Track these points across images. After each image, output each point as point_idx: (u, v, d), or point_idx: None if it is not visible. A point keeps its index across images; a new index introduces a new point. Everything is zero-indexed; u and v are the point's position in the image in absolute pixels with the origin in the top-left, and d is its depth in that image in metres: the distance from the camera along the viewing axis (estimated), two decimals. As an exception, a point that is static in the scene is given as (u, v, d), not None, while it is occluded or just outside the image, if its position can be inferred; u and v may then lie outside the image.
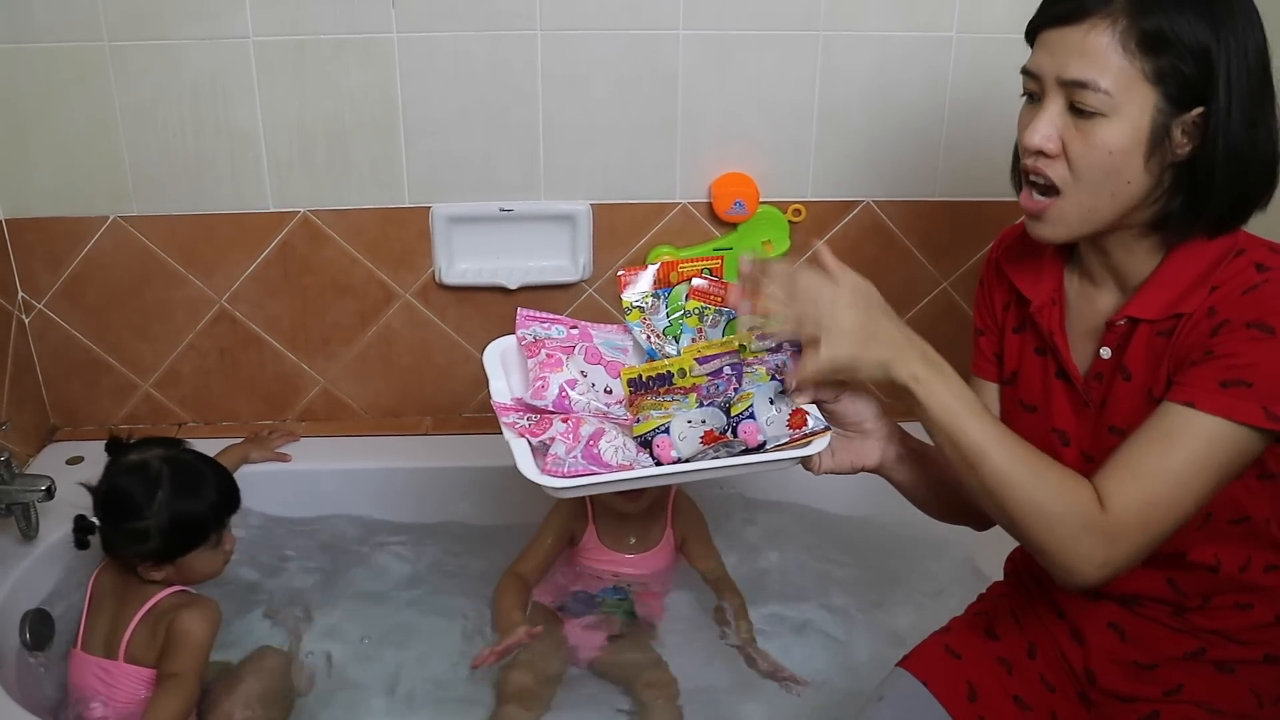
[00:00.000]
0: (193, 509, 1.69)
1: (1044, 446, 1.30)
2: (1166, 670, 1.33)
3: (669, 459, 1.26)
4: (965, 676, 1.41)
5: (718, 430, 1.27)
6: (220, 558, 1.75)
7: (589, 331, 1.44)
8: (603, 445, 1.26)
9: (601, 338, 1.43)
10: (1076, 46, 1.14)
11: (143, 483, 1.68)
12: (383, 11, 2.01)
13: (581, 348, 1.41)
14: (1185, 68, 1.12)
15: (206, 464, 1.77)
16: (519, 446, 1.28)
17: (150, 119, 2.04)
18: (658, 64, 2.08)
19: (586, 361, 1.40)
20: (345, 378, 2.30)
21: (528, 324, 1.43)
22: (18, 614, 1.80)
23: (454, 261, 2.19)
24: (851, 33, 2.08)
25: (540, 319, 1.44)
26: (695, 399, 1.30)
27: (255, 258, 2.17)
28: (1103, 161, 1.16)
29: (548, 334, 1.42)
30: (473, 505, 2.18)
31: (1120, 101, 1.13)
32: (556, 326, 1.43)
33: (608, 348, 1.42)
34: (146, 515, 1.66)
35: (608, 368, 1.39)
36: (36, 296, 2.16)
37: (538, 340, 1.41)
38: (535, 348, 1.40)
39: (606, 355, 1.41)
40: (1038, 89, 1.20)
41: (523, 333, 1.43)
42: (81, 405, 2.27)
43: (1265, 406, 1.12)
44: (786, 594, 2.03)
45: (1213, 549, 1.26)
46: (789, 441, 1.26)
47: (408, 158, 2.12)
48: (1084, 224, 1.21)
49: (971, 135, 2.15)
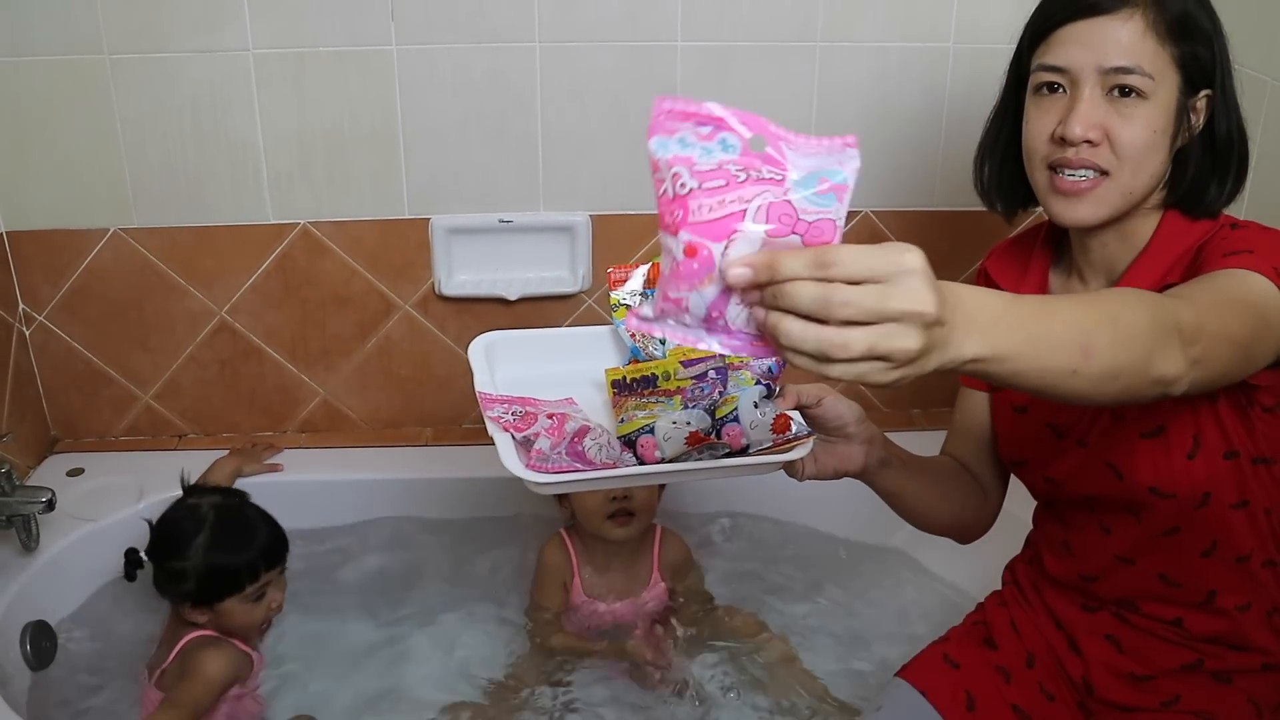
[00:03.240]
0: (229, 559, 1.71)
1: (1038, 442, 1.33)
2: (1164, 681, 1.33)
3: (653, 459, 1.25)
4: (964, 686, 1.42)
5: (703, 432, 1.26)
6: (260, 611, 1.76)
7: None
8: (587, 443, 1.24)
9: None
10: (1115, 36, 1.19)
11: (188, 524, 1.73)
12: (382, 24, 2.01)
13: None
14: (1201, 52, 1.20)
15: (259, 518, 1.79)
16: (503, 441, 1.24)
17: (150, 131, 2.05)
18: (656, 75, 2.08)
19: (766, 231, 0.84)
20: (345, 389, 2.30)
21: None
22: (18, 626, 1.81)
23: (453, 272, 2.20)
24: (849, 44, 2.09)
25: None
26: (680, 401, 1.29)
27: (255, 269, 2.17)
28: (1149, 141, 1.20)
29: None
30: (473, 515, 2.18)
31: (1158, 85, 1.19)
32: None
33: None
34: (185, 557, 1.70)
35: (807, 234, 0.81)
36: (37, 309, 2.17)
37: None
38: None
39: (807, 215, 0.81)
40: (1065, 82, 1.22)
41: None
42: (82, 417, 2.28)
43: (1274, 266, 1.11)
44: (778, 604, 2.02)
45: (1210, 534, 1.26)
46: (772, 446, 1.26)
47: (407, 169, 2.12)
48: (1123, 204, 1.24)
49: (969, 145, 2.11)
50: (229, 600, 1.72)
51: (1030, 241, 1.41)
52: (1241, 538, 1.26)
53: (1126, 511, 1.29)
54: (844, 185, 0.78)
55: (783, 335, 0.76)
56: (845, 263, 0.75)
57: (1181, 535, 1.27)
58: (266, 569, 1.74)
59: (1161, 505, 1.25)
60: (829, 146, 0.79)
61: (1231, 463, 1.23)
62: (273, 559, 1.76)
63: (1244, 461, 1.23)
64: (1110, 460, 1.27)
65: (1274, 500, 1.26)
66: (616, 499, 1.80)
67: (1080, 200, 1.23)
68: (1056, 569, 1.41)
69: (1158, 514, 1.26)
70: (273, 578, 1.76)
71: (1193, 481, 1.23)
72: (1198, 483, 1.23)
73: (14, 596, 1.85)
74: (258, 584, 1.73)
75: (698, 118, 0.79)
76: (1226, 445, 1.22)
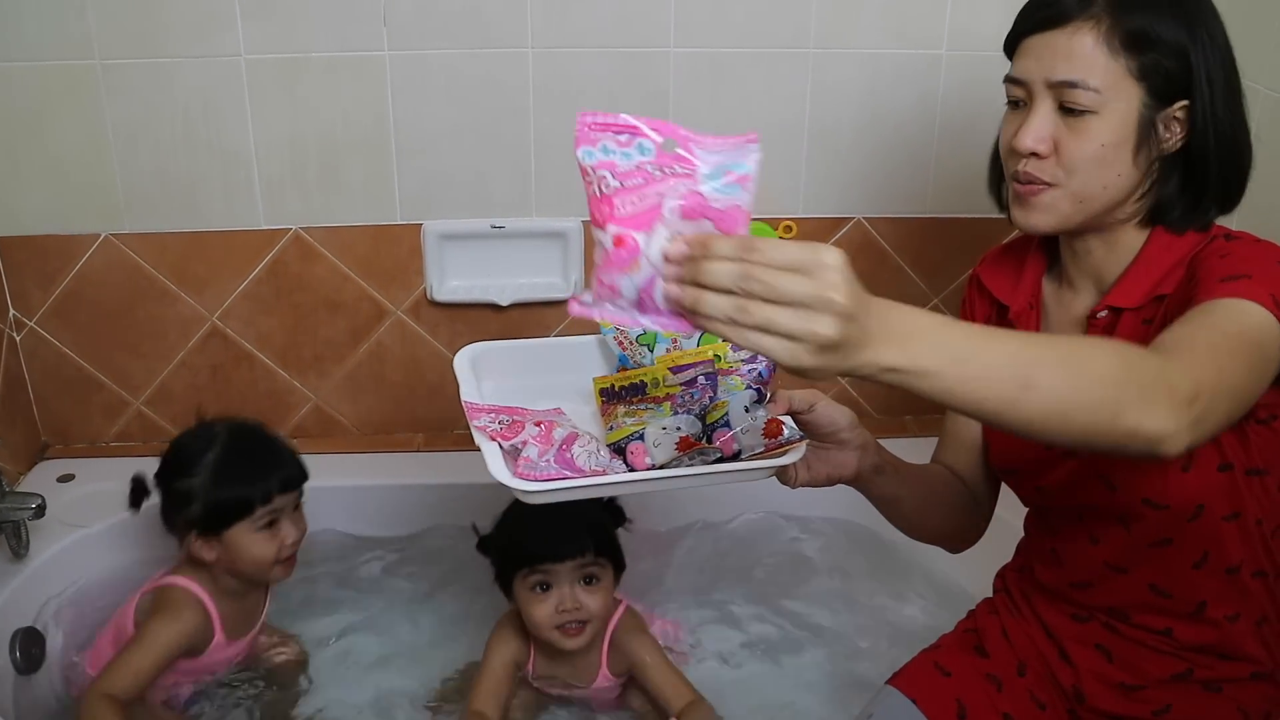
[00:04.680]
0: (239, 475, 1.64)
1: (1028, 452, 1.33)
2: (1154, 691, 1.33)
3: (643, 465, 1.24)
4: (954, 694, 1.41)
5: (694, 437, 1.25)
6: (272, 545, 1.67)
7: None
8: (576, 450, 1.23)
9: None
10: (1064, 49, 1.18)
11: (199, 441, 1.68)
12: (374, 30, 2.01)
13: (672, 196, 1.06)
14: (1167, 63, 1.18)
15: (276, 441, 1.72)
16: (490, 450, 1.23)
17: (142, 137, 2.05)
18: (649, 82, 2.08)
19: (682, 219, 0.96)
20: (337, 395, 2.30)
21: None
22: (8, 632, 1.80)
23: (445, 278, 2.20)
24: (842, 50, 2.09)
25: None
26: (670, 408, 1.29)
27: (247, 275, 2.17)
28: (1095, 154, 1.19)
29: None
30: (464, 522, 2.17)
31: (1109, 98, 1.17)
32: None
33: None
34: (193, 473, 1.65)
35: (719, 220, 0.90)
36: (28, 314, 2.16)
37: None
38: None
39: (717, 203, 0.90)
40: (1024, 95, 1.23)
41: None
42: (73, 423, 2.27)
43: (1272, 294, 1.09)
44: (768, 612, 2.02)
45: (1202, 546, 1.26)
46: (764, 451, 1.24)
47: (399, 175, 2.12)
48: (1075, 213, 1.23)
49: (962, 152, 2.16)
50: (237, 526, 1.64)
51: (1023, 249, 1.41)
52: (1232, 549, 1.26)
53: (1116, 522, 1.29)
54: (748, 175, 0.87)
55: (703, 305, 0.84)
56: (769, 251, 0.82)
57: (1173, 547, 1.26)
58: (280, 491, 1.66)
59: (1153, 516, 1.25)
60: (734, 144, 0.89)
61: (1225, 475, 1.22)
62: (288, 482, 1.68)
63: (1238, 473, 1.23)
64: (1102, 472, 1.27)
65: (1265, 511, 1.25)
66: (567, 610, 1.64)
67: (1030, 206, 1.24)
68: (1046, 577, 1.41)
69: (1148, 525, 1.26)
70: (286, 505, 1.68)
71: (1187, 494, 1.22)
72: (1192, 495, 1.22)
73: (4, 603, 1.83)
74: (268, 507, 1.65)
75: (615, 127, 0.89)
76: (1221, 458, 1.22)
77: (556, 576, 1.64)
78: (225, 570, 1.71)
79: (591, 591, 1.66)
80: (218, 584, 1.73)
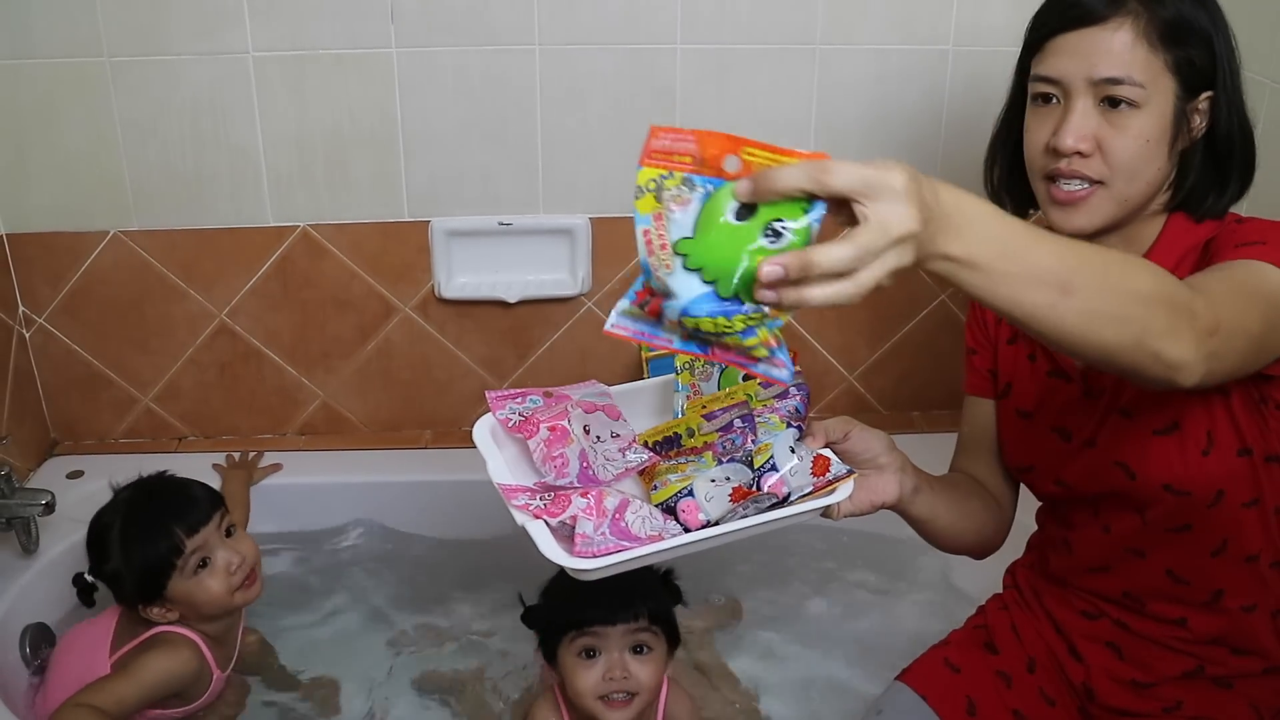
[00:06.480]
0: (143, 536, 1.62)
1: (1044, 447, 1.33)
2: (1165, 688, 1.33)
3: (697, 523, 1.15)
4: (964, 690, 1.41)
5: (745, 485, 1.18)
6: (218, 580, 1.64)
7: (564, 393, 1.29)
8: (629, 517, 1.15)
9: (580, 393, 1.30)
10: (1104, 46, 1.18)
11: (106, 519, 1.66)
12: (382, 27, 2.01)
13: (570, 406, 1.26)
14: (1197, 55, 1.19)
15: (168, 488, 1.69)
16: (537, 529, 1.14)
17: (150, 134, 2.05)
18: (656, 78, 2.08)
19: (586, 413, 1.26)
20: (345, 391, 2.30)
21: (501, 404, 1.28)
22: (18, 628, 1.80)
23: (453, 275, 2.20)
24: (848, 46, 2.09)
25: (510, 395, 1.28)
26: (712, 457, 1.23)
27: (255, 272, 2.17)
28: (1141, 151, 1.20)
29: (527, 407, 1.27)
30: (473, 518, 2.18)
31: (1151, 93, 1.19)
32: (531, 397, 1.28)
33: (593, 396, 1.30)
34: (109, 554, 1.63)
35: (606, 411, 1.26)
36: (37, 311, 2.17)
37: (526, 418, 1.25)
38: (529, 426, 1.24)
39: (598, 402, 1.26)
40: (1058, 93, 1.22)
41: (503, 414, 1.27)
42: (82, 419, 2.28)
43: None
44: (777, 608, 2.02)
45: (1221, 533, 1.26)
46: (814, 490, 1.17)
47: (407, 172, 2.12)
48: (1119, 211, 1.24)
49: (969, 148, 2.13)
50: (174, 583, 1.61)
51: None
52: (1252, 536, 1.26)
53: (1132, 510, 1.29)
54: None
55: (809, 299, 0.82)
56: (862, 239, 0.82)
57: (1192, 533, 1.27)
58: (189, 534, 1.62)
59: (1173, 502, 1.25)
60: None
61: (1245, 460, 1.23)
62: (194, 522, 1.63)
63: (1257, 459, 1.23)
64: (1121, 459, 1.27)
65: None
66: (613, 678, 1.49)
67: (1076, 210, 1.23)
68: (1060, 566, 1.41)
69: (1165, 511, 1.26)
70: (209, 540, 1.64)
71: (1208, 479, 1.23)
72: (1213, 480, 1.23)
73: (13, 599, 1.84)
74: (188, 554, 1.61)
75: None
76: (1240, 442, 1.22)
77: (606, 641, 1.49)
78: (194, 619, 1.68)
79: (642, 661, 1.51)
80: (199, 628, 1.69)
